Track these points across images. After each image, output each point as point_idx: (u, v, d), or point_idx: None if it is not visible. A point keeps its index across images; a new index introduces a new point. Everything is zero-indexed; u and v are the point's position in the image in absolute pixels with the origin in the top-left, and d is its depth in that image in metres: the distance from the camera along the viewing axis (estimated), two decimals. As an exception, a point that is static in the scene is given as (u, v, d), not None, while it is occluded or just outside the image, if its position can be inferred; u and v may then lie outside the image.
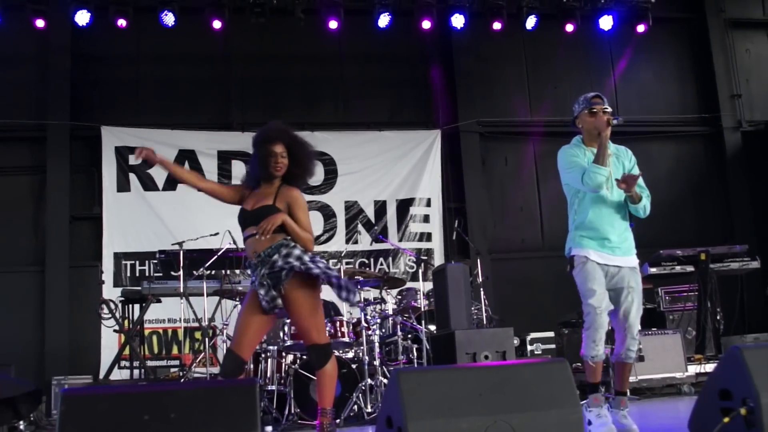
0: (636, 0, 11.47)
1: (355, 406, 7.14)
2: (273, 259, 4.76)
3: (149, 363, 9.88)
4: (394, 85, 12.41)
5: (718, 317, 8.37)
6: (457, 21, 11.17)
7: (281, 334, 7.65)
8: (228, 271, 8.92)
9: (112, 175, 11.09)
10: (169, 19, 10.17)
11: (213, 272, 9.35)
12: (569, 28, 11.55)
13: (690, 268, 8.74)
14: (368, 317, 7.79)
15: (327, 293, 9.44)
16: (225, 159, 11.34)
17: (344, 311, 8.45)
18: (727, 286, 9.38)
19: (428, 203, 11.91)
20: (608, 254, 5.00)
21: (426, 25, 11.15)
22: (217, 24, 10.44)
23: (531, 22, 11.38)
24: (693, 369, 8.12)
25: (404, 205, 11.83)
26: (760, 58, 13.65)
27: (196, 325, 9.39)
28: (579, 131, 5.28)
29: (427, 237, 11.82)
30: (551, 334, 9.86)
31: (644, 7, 11.49)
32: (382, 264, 11.60)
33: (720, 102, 13.11)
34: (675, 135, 12.93)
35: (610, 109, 5.10)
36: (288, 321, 7.69)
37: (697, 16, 13.43)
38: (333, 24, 10.82)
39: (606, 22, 11.53)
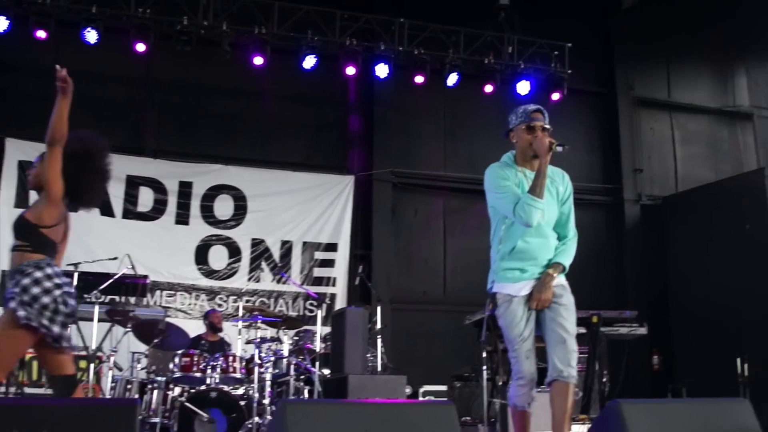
0: (553, 69, 11.87)
1: (241, 444, 6.97)
2: (10, 282, 4.38)
3: (27, 390, 9.42)
4: (313, 127, 12.46)
5: (604, 380, 8.54)
6: (381, 71, 11.33)
7: (171, 365, 7.47)
8: (123, 297, 8.68)
9: (11, 189, 10.68)
10: (91, 36, 9.96)
11: (108, 298, 9.11)
12: (488, 88, 11.84)
13: (582, 330, 8.88)
14: (262, 354, 7.66)
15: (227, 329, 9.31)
16: (133, 184, 11.07)
17: (238, 348, 8.32)
18: (615, 350, 9.60)
19: (335, 248, 11.89)
20: (534, 281, 4.45)
21: (350, 71, 11.24)
22: (140, 47, 10.28)
23: (452, 79, 11.65)
24: (577, 429, 8.22)
25: (310, 248, 11.79)
26: (663, 137, 14.29)
27: (84, 352, 9.03)
28: (512, 144, 4.68)
29: (332, 282, 11.77)
30: (444, 387, 9.90)
31: (560, 77, 11.89)
32: (281, 306, 11.47)
33: (623, 175, 13.66)
34: (579, 202, 13.11)
35: (549, 127, 4.54)
36: (179, 352, 7.53)
37: (608, 92, 13.99)
38: (258, 60, 10.81)
39: (523, 88, 11.86)
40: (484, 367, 8.36)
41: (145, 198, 11.03)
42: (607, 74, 14.09)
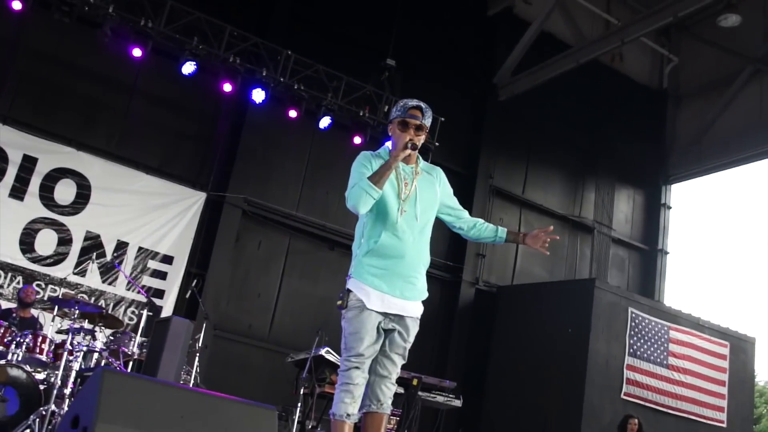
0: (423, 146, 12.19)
1: (28, 430, 6.54)
2: None
3: None
4: (177, 135, 12.15)
5: (413, 444, 8.62)
6: (258, 95, 11.34)
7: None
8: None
9: None
10: (-37, -19, 9.44)
11: None
12: (357, 140, 12.11)
13: (400, 390, 8.97)
14: (74, 343, 7.28)
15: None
16: (-28, 144, 10.41)
17: (50, 333, 7.88)
18: (426, 417, 9.76)
19: (171, 262, 11.55)
20: (392, 297, 4.25)
21: (227, 88, 11.19)
22: (16, 5, 9.80)
23: (325, 122, 11.86)
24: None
25: (145, 255, 11.39)
26: (509, 229, 14.82)
27: None
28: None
29: (160, 295, 11.35)
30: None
31: (428, 147, 12.27)
32: (103, 308, 10.93)
33: (466, 257, 14.10)
34: (420, 272, 13.56)
35: (426, 125, 4.41)
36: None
37: (468, 174, 14.48)
38: (137, 52, 10.56)
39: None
40: (299, 406, 8.30)
41: (-21, 161, 10.39)
42: (472, 157, 14.63)
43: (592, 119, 15.99)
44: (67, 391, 6.86)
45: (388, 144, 4.59)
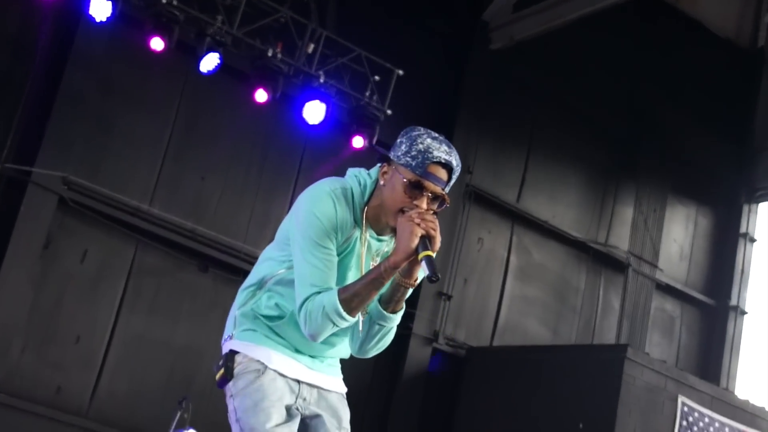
0: (366, 101, 12.17)
1: None
2: None
3: None
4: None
5: None
6: (99, 8, 10.99)
7: None
8: None
9: None
10: None
11: None
12: (261, 96, 11.92)
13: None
14: None
15: None
16: None
17: None
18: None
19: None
20: (302, 366, 4.15)
21: (48, -9, 10.82)
22: None
23: (209, 62, 11.63)
24: None
25: None
26: (493, 256, 14.86)
27: None
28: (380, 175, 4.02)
29: None
30: None
31: (373, 116, 12.22)
32: None
33: (420, 298, 13.76)
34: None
35: (447, 199, 3.86)
36: None
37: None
38: None
39: (314, 111, 11.92)
40: None
41: None
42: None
43: (638, 91, 15.90)
44: None
45: (363, 176, 4.06)
